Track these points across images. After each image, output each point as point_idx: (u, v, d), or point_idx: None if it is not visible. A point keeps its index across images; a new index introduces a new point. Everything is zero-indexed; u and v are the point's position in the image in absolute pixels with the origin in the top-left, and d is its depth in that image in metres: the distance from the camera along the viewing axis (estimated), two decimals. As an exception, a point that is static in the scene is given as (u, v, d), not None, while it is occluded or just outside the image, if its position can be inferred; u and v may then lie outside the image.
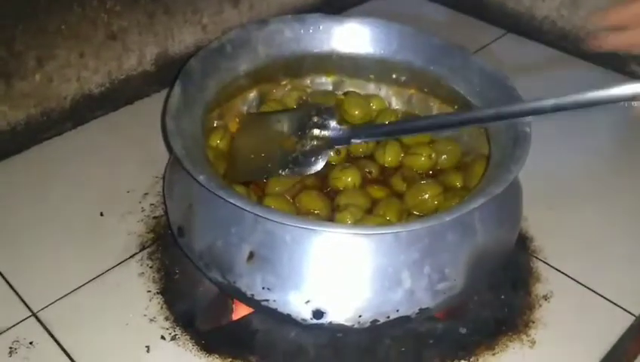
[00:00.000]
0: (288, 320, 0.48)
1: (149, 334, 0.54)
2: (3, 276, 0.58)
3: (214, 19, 0.83)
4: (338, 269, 0.47)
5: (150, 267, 0.60)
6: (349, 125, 0.62)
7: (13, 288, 0.57)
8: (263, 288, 0.47)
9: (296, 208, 0.55)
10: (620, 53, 0.87)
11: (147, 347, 0.53)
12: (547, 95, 0.48)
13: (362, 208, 0.54)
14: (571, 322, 0.56)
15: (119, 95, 0.78)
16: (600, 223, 0.66)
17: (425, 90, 0.64)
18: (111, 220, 0.64)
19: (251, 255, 0.47)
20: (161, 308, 0.56)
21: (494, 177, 0.49)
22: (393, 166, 0.60)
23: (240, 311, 0.55)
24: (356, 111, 0.63)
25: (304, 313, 0.47)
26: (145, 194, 0.67)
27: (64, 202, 0.65)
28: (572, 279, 0.60)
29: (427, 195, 0.55)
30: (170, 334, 0.54)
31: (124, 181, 0.68)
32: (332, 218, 0.54)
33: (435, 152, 0.60)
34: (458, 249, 0.48)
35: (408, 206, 0.56)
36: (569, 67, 0.90)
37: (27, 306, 0.56)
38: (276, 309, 0.48)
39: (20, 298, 0.56)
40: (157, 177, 0.69)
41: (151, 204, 0.66)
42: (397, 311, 0.47)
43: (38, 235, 0.62)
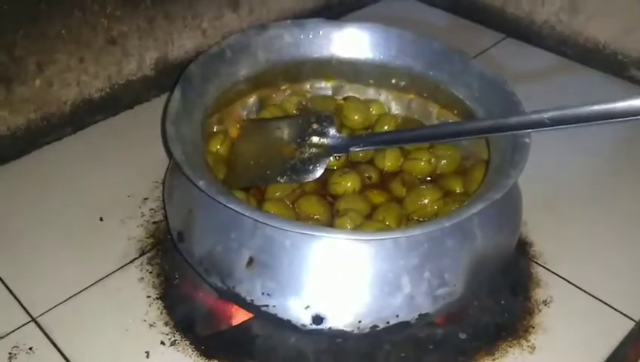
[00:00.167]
0: (288, 325, 0.48)
1: (149, 339, 0.54)
2: (3, 281, 0.58)
3: (214, 24, 0.83)
4: (338, 275, 0.47)
5: (150, 272, 0.59)
6: (349, 133, 0.63)
7: (12, 293, 0.57)
8: (263, 293, 0.47)
9: (295, 213, 0.55)
10: (620, 57, 0.87)
11: (147, 352, 0.53)
12: (547, 105, 0.48)
13: (362, 213, 0.54)
14: (571, 327, 0.56)
15: (119, 100, 0.78)
16: (600, 228, 0.66)
17: (424, 95, 0.64)
18: (111, 225, 0.64)
19: (251, 260, 0.47)
20: (160, 314, 0.56)
21: (494, 182, 0.49)
22: (393, 171, 0.60)
23: (239, 317, 0.55)
24: (356, 116, 0.63)
25: (304, 318, 0.47)
26: (145, 199, 0.67)
27: (64, 207, 0.65)
28: (572, 284, 0.60)
29: (427, 200, 0.55)
30: (169, 339, 0.54)
31: (124, 186, 0.68)
32: (332, 223, 0.54)
33: (435, 157, 0.60)
34: (458, 254, 0.48)
35: (408, 211, 0.56)
36: (568, 72, 0.90)
37: (27, 311, 0.56)
38: (276, 315, 0.48)
39: (20, 303, 0.56)
40: (157, 182, 0.69)
41: (151, 209, 0.66)
42: (397, 317, 0.47)
43: (38, 240, 0.62)
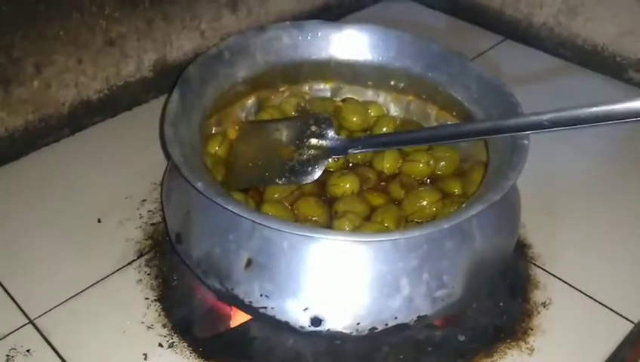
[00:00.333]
0: (286, 327, 0.48)
1: (147, 341, 0.54)
2: (0, 283, 0.58)
3: (212, 25, 0.83)
4: (336, 276, 0.47)
5: (148, 274, 0.59)
6: (347, 135, 0.63)
7: (10, 295, 0.57)
8: (261, 295, 0.47)
9: (294, 215, 0.55)
10: (618, 59, 0.88)
11: (144, 354, 0.53)
12: (546, 107, 0.48)
13: (360, 215, 0.54)
14: (570, 329, 0.56)
15: (117, 101, 0.78)
16: (599, 230, 0.66)
17: (423, 97, 0.64)
18: (109, 227, 0.64)
19: (249, 262, 0.47)
20: (158, 316, 0.56)
21: (493, 184, 0.49)
22: (391, 173, 0.60)
23: (238, 319, 0.55)
24: (354, 117, 0.63)
25: (302, 320, 0.47)
26: (143, 200, 0.67)
27: (62, 208, 0.65)
28: (571, 286, 0.60)
29: (425, 202, 0.55)
30: (167, 341, 0.54)
31: (122, 187, 0.68)
32: (330, 225, 0.54)
33: (434, 159, 0.60)
34: (456, 256, 0.48)
35: (406, 213, 0.56)
36: (567, 74, 0.90)
37: (24, 313, 0.55)
38: (274, 316, 0.48)
39: (17, 305, 0.56)
40: (155, 184, 0.68)
41: (149, 211, 0.66)
42: (395, 319, 0.47)
43: (36, 242, 0.62)
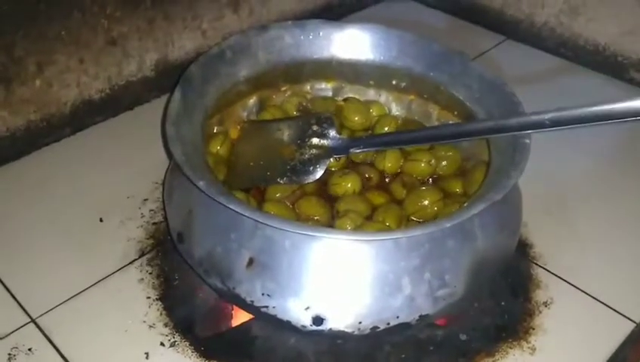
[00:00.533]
0: (288, 326, 0.48)
1: (148, 340, 0.54)
2: (2, 282, 0.58)
3: (214, 25, 0.83)
4: (338, 275, 0.47)
5: (150, 273, 0.59)
6: (349, 134, 0.63)
7: (12, 294, 0.57)
8: (263, 294, 0.47)
9: (296, 214, 0.55)
10: (620, 59, 0.87)
11: (146, 353, 0.53)
12: (547, 106, 0.48)
13: (362, 214, 0.54)
14: (572, 329, 0.56)
15: (119, 101, 0.78)
16: (600, 229, 0.66)
17: (425, 96, 0.64)
18: (110, 226, 0.64)
19: (251, 261, 0.47)
20: (160, 315, 0.56)
21: (494, 183, 0.49)
22: (393, 172, 0.60)
23: (239, 318, 0.55)
24: (356, 117, 0.63)
25: (304, 319, 0.47)
26: (144, 200, 0.67)
27: (64, 208, 0.65)
28: (572, 285, 0.60)
29: (427, 201, 0.55)
30: (169, 340, 0.54)
31: (123, 187, 0.68)
32: (332, 224, 0.54)
33: (435, 158, 0.60)
34: (458, 255, 0.48)
35: (408, 212, 0.56)
36: (568, 74, 0.90)
37: (26, 312, 0.55)
38: (276, 316, 0.48)
39: (19, 304, 0.56)
40: (157, 183, 0.68)
41: (150, 210, 0.66)
42: (397, 318, 0.47)
43: (38, 241, 0.62)
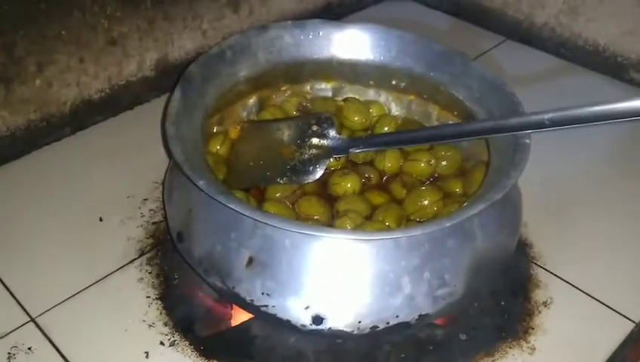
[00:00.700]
0: (288, 325, 0.48)
1: (148, 340, 0.54)
2: (2, 281, 0.58)
3: (214, 24, 0.83)
4: (338, 275, 0.47)
5: (149, 272, 0.59)
6: (349, 134, 0.63)
7: (12, 293, 0.57)
8: (263, 293, 0.47)
9: (295, 214, 0.55)
10: (619, 59, 0.88)
11: (146, 353, 0.53)
12: (547, 106, 0.48)
13: (362, 214, 0.54)
14: (571, 329, 0.56)
15: (119, 100, 0.78)
16: (600, 229, 0.66)
17: (424, 97, 0.64)
18: (110, 225, 0.64)
19: (251, 260, 0.47)
20: (160, 314, 0.56)
21: (494, 183, 0.49)
22: (393, 172, 0.60)
23: (239, 317, 0.55)
24: (356, 117, 0.63)
25: (303, 319, 0.47)
26: (144, 199, 0.67)
27: (63, 207, 0.65)
28: (572, 285, 0.60)
29: (427, 201, 0.55)
30: (169, 340, 0.54)
31: (123, 186, 0.68)
32: (332, 224, 0.54)
33: (435, 158, 0.60)
34: (458, 255, 0.48)
35: (408, 212, 0.56)
36: (568, 74, 0.90)
37: (26, 311, 0.55)
38: (275, 315, 0.48)
39: (19, 303, 0.56)
40: (156, 183, 0.69)
41: (150, 210, 0.66)
42: (397, 317, 0.47)
43: (37, 240, 0.62)
